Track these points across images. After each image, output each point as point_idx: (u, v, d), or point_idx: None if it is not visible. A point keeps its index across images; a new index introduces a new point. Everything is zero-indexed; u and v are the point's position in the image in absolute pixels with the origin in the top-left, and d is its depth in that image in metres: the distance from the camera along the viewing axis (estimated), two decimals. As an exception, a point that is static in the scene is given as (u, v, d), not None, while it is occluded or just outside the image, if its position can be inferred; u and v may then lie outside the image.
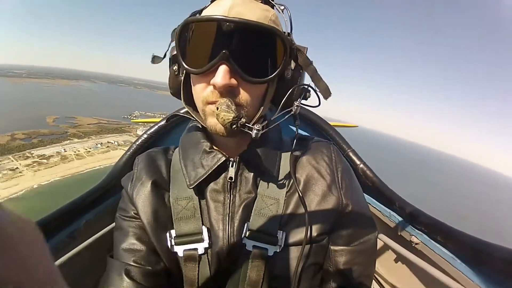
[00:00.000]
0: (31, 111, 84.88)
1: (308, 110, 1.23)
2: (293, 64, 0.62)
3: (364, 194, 0.80)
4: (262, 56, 0.58)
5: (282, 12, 0.64)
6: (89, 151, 61.50)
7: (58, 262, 0.77)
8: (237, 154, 0.67)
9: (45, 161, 53.27)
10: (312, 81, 0.62)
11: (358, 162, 1.13)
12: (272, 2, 0.65)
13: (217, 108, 0.55)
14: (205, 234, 0.64)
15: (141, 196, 0.68)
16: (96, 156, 60.04)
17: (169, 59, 0.67)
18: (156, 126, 1.15)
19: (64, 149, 59.36)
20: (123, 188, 0.73)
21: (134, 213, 0.68)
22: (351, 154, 1.15)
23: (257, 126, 0.56)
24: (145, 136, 1.13)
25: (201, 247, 0.63)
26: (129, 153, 1.08)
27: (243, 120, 0.55)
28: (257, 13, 0.58)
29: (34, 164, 51.21)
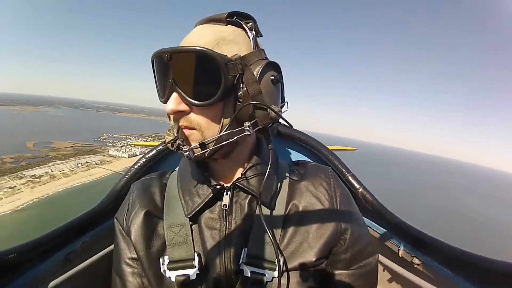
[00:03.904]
0: (10, 137, 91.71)
1: (306, 134, 1.26)
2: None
3: (364, 217, 0.80)
4: (202, 79, 0.59)
5: (250, 30, 0.64)
6: (73, 170, 71.98)
7: (52, 285, 0.76)
8: (233, 181, 0.68)
9: (37, 179, 63.02)
10: (255, 101, 0.59)
11: (357, 186, 1.12)
12: (240, 20, 0.64)
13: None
14: (196, 260, 0.64)
15: (135, 226, 0.70)
16: (79, 174, 70.84)
17: None
18: (154, 151, 1.14)
19: (51, 170, 69.17)
20: (117, 223, 0.74)
21: (130, 256, 0.70)
22: (350, 178, 1.13)
23: (186, 148, 0.59)
24: (143, 160, 1.13)
25: (193, 273, 0.64)
26: (127, 176, 1.08)
27: (177, 142, 0.59)
28: (205, 37, 0.60)
29: (29, 183, 61.01)
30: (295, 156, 1.30)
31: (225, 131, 0.60)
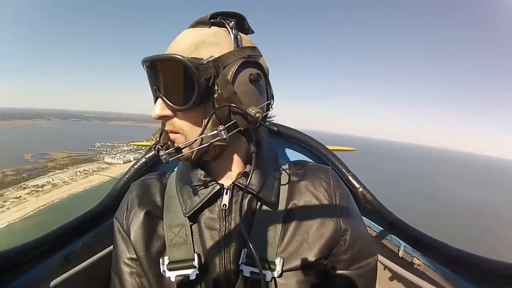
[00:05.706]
0: (8, 151, 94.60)
1: (306, 134, 1.26)
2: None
3: (364, 217, 0.81)
4: (177, 84, 0.60)
5: (232, 29, 0.64)
6: (73, 178, 75.87)
7: (52, 285, 0.76)
8: (233, 181, 0.68)
9: (40, 189, 66.70)
10: (230, 103, 0.59)
11: (357, 186, 1.12)
12: (224, 20, 0.64)
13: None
14: (196, 261, 0.64)
15: (134, 226, 0.70)
16: (79, 181, 74.79)
17: None
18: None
19: (52, 179, 72.84)
20: (117, 223, 0.74)
21: (129, 256, 0.70)
22: (350, 178, 1.14)
23: (161, 152, 0.62)
24: (143, 160, 1.12)
25: (193, 273, 0.64)
26: (127, 176, 1.08)
27: (158, 146, 0.63)
28: (185, 43, 0.62)
29: (33, 192, 64.71)
30: (295, 156, 1.31)
31: (201, 135, 0.61)
